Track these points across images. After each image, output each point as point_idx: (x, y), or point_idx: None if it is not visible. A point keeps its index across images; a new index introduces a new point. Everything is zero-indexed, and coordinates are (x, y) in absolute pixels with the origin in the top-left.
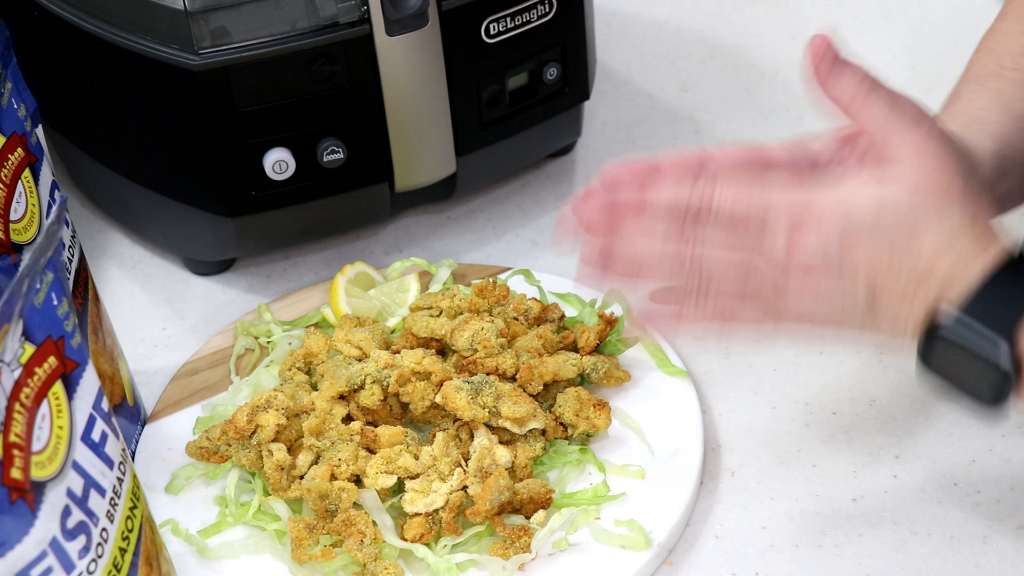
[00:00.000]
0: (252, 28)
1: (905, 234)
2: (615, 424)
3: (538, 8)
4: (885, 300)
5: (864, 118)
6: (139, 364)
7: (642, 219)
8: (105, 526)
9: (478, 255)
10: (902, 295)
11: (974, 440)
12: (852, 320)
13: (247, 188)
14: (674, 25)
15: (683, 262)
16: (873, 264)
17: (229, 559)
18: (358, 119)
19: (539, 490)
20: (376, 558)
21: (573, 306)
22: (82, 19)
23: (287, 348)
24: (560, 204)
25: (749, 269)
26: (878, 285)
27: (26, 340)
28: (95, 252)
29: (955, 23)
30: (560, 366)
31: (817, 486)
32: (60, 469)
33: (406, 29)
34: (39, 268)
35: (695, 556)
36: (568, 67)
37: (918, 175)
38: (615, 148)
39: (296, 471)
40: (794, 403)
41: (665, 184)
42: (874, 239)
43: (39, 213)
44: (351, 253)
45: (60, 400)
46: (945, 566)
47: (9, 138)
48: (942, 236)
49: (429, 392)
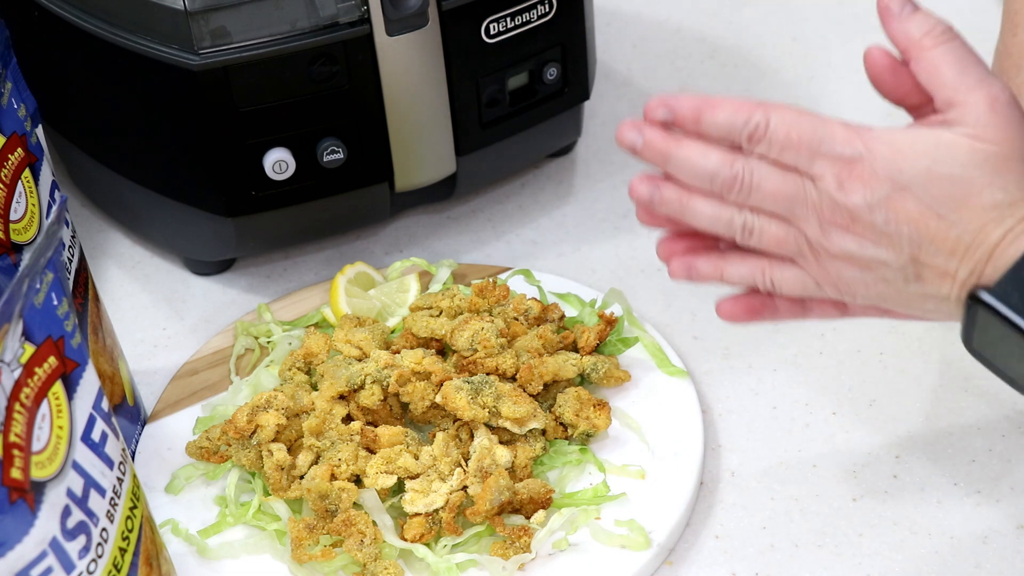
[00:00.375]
0: (252, 28)
1: (957, 193)
2: (615, 424)
3: (538, 8)
4: (928, 274)
5: (933, 60)
6: (139, 364)
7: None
8: (105, 526)
9: (478, 255)
10: (943, 271)
11: (974, 440)
12: (894, 295)
13: (247, 188)
14: (674, 25)
15: (734, 183)
16: (918, 229)
17: (229, 559)
18: (358, 119)
19: (539, 490)
20: (376, 558)
21: (573, 306)
22: (82, 19)
23: (287, 348)
24: (560, 204)
25: (796, 200)
26: (921, 256)
27: (26, 340)
28: (95, 252)
29: (955, 23)
30: (560, 366)
31: (817, 486)
32: (60, 469)
33: (406, 29)
34: (39, 268)
35: (695, 556)
36: (568, 67)
37: (985, 123)
38: (615, 148)
39: (296, 471)
40: (794, 403)
41: (722, 109)
42: (923, 199)
43: (39, 213)
44: (351, 253)
45: (60, 400)
46: (945, 566)
47: (9, 138)
48: (995, 202)
49: (429, 392)
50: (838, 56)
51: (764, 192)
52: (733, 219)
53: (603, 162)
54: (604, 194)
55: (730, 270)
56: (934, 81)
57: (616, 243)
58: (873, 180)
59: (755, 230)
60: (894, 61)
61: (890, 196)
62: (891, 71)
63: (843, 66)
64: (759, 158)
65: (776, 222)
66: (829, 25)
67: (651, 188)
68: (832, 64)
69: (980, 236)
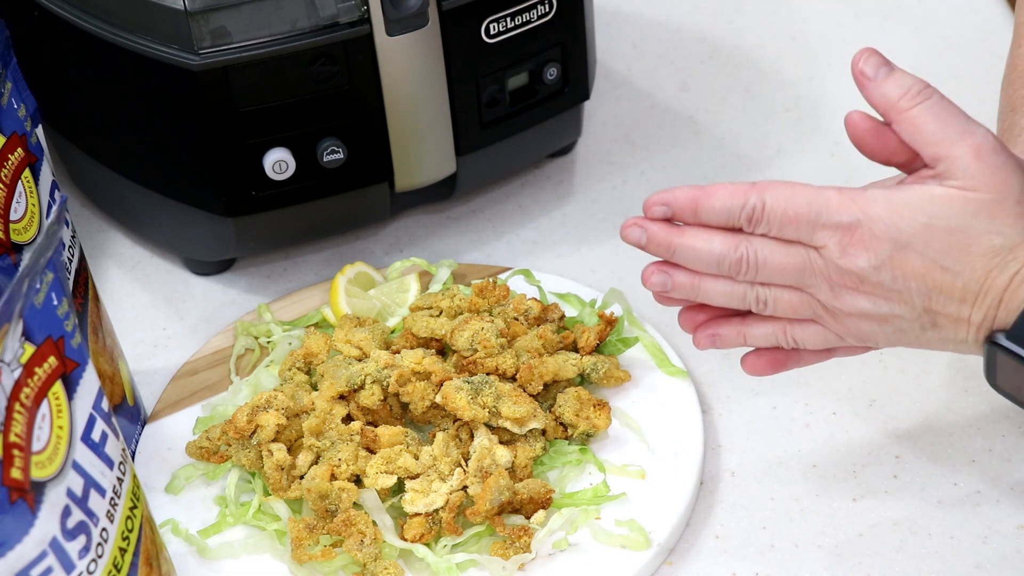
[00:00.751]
0: (252, 28)
1: (957, 244)
2: (615, 424)
3: (538, 8)
4: (943, 321)
5: (914, 119)
6: (139, 364)
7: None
8: (105, 526)
9: (478, 255)
10: (957, 317)
11: (974, 440)
12: (914, 341)
13: (247, 188)
14: (674, 25)
15: (740, 264)
16: (926, 282)
17: (229, 559)
18: (358, 119)
19: (539, 490)
20: (376, 558)
21: (573, 306)
22: (82, 19)
23: (287, 348)
24: (560, 204)
25: (804, 271)
26: (934, 306)
27: (26, 340)
28: (95, 252)
29: (956, 24)
30: (560, 366)
31: (817, 486)
32: (60, 469)
33: (406, 29)
34: (39, 268)
35: (695, 556)
36: (568, 67)
37: (973, 173)
38: (615, 148)
39: (296, 471)
40: (794, 403)
41: (717, 197)
42: (925, 254)
43: (39, 213)
44: (351, 253)
45: (60, 400)
46: (945, 566)
47: (9, 138)
48: (993, 248)
49: (429, 392)
50: (838, 56)
51: (771, 268)
52: (746, 295)
53: (603, 162)
54: (604, 194)
55: (753, 333)
56: (918, 139)
57: (616, 243)
58: (874, 242)
59: (768, 301)
60: (875, 123)
61: (892, 255)
62: (873, 134)
63: (843, 66)
64: (761, 236)
65: (788, 291)
66: (829, 25)
67: (663, 277)
68: (832, 64)
69: (987, 283)
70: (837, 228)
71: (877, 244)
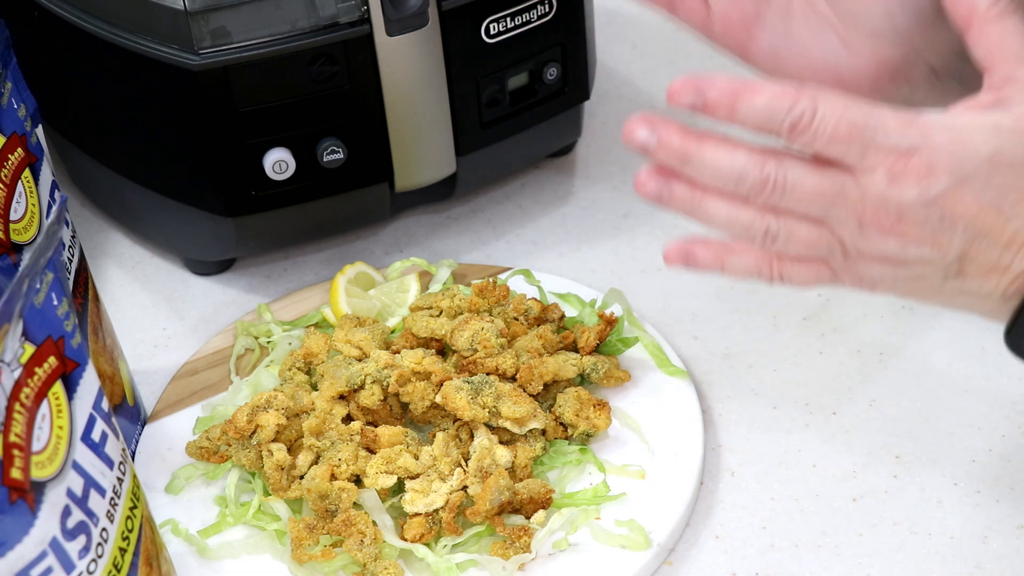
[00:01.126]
0: (252, 28)
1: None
2: (615, 424)
3: (538, 8)
4: (972, 270)
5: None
6: (139, 364)
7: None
8: (105, 526)
9: (478, 255)
10: (993, 266)
11: (974, 440)
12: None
13: (247, 188)
14: (674, 25)
15: (765, 185)
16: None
17: (229, 559)
18: (358, 119)
19: (539, 490)
20: (376, 558)
21: (573, 306)
22: (82, 19)
23: (287, 348)
24: (560, 204)
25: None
26: (971, 252)
27: (26, 340)
28: (95, 252)
29: None
30: (560, 366)
31: (817, 486)
32: (60, 469)
33: (406, 29)
34: (39, 268)
35: (695, 556)
36: (568, 67)
37: None
38: (615, 148)
39: (296, 471)
40: (794, 403)
41: (762, 94)
42: (984, 193)
43: (39, 213)
44: (351, 253)
45: (60, 400)
46: (945, 566)
47: (9, 138)
48: None
49: (429, 392)
50: None
51: (799, 194)
52: (753, 223)
53: (603, 162)
54: (604, 194)
55: (735, 261)
56: (996, 55)
57: (616, 243)
58: (930, 175)
59: (780, 235)
60: None
61: (947, 191)
62: None
63: None
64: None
65: (807, 226)
66: None
67: (660, 185)
68: None
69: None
70: (891, 152)
71: (933, 177)
